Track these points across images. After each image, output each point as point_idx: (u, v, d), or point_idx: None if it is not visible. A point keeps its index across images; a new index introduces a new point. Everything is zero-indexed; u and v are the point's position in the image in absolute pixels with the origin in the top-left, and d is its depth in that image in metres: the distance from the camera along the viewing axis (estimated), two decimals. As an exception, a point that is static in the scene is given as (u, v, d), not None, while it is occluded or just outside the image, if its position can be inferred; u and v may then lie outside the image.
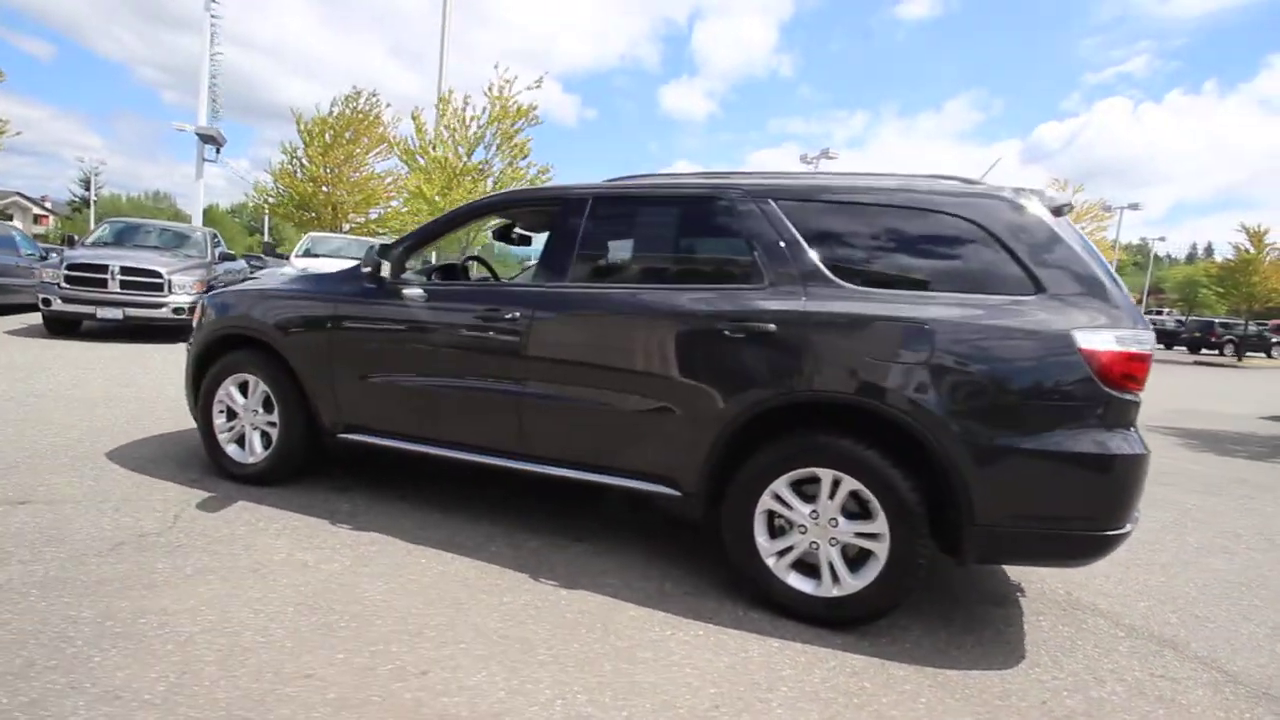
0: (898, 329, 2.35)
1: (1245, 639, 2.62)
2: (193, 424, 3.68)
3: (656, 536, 3.15)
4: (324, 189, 14.67)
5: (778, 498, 2.48)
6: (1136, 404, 2.27)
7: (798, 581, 2.47)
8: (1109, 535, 2.23)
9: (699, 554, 2.97)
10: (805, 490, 2.47)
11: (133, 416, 4.60)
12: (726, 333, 2.53)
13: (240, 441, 3.52)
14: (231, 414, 3.53)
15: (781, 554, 2.49)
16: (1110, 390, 2.20)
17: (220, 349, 3.54)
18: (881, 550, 2.35)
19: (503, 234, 3.93)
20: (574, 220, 2.93)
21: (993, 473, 2.24)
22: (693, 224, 2.84)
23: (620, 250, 2.93)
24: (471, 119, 10.96)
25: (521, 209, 3.55)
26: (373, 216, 15.53)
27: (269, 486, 3.39)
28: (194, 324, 3.76)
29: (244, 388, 3.49)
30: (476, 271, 4.23)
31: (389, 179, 15.28)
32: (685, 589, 2.64)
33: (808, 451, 2.43)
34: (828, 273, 2.51)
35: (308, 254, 10.68)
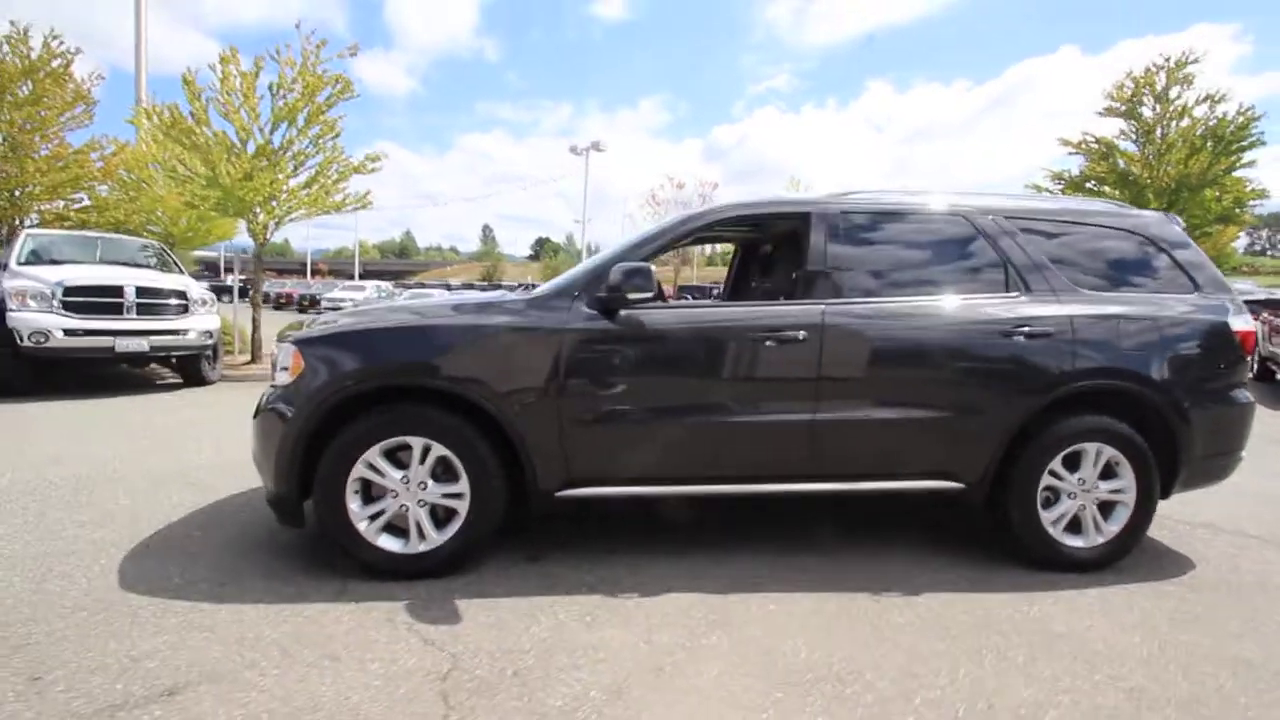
0: (1133, 322, 2.97)
1: None
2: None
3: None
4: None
5: None
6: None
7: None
8: (1242, 457, 3.19)
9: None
10: None
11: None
12: (1015, 338, 2.87)
13: (391, 528, 2.69)
14: (371, 494, 2.67)
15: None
16: (1246, 358, 3.13)
17: (352, 410, 2.63)
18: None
19: None
20: (828, 234, 2.94)
21: (1202, 422, 3.00)
22: (945, 240, 3.07)
23: (883, 265, 3.01)
24: (280, 90, 8.81)
25: (748, 223, 3.29)
26: (79, 205, 11.20)
27: (445, 576, 2.68)
28: (280, 381, 2.70)
29: (395, 456, 2.66)
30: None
31: (96, 154, 11.23)
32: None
33: (1092, 431, 2.93)
34: (1066, 280, 3.02)
35: (35, 260, 7.56)
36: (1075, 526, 3.00)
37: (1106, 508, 3.02)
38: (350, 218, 63.68)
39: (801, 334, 2.76)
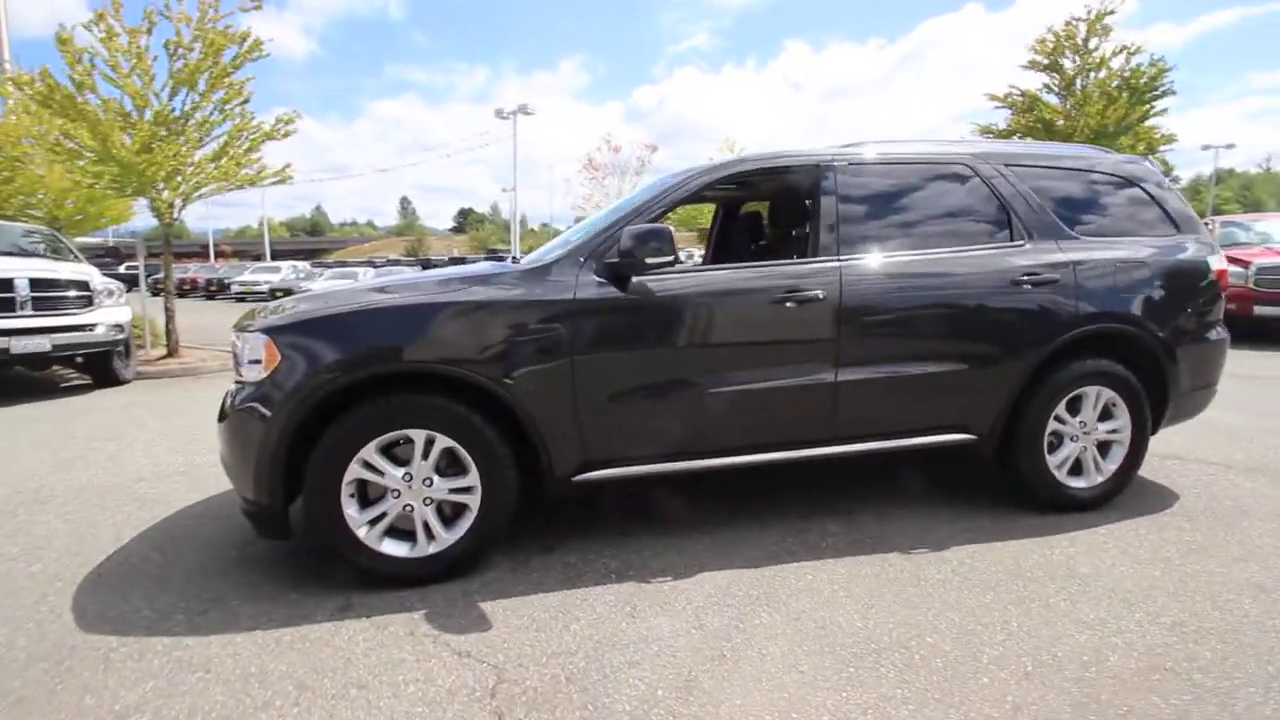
0: (1128, 266, 3.01)
1: (1252, 452, 4.18)
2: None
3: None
4: None
5: None
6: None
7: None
8: (1216, 390, 3.35)
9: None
10: None
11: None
12: (1023, 287, 2.86)
13: (395, 531, 2.44)
14: (369, 496, 2.41)
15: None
16: (1222, 295, 3.26)
17: (340, 404, 2.34)
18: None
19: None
20: (839, 188, 2.81)
21: (1187, 359, 3.11)
22: (949, 189, 2.99)
23: (893, 218, 2.91)
24: (178, 49, 7.80)
25: (759, 178, 3.05)
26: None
27: (459, 579, 2.47)
28: (249, 377, 2.36)
29: (393, 452, 2.40)
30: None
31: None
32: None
33: (1092, 375, 2.97)
34: (1064, 226, 3.03)
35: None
36: (1077, 468, 3.07)
37: (1104, 448, 3.11)
38: (254, 194, 59.22)
39: (820, 293, 2.65)
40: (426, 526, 2.43)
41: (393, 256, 50.66)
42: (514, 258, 3.61)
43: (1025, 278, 2.87)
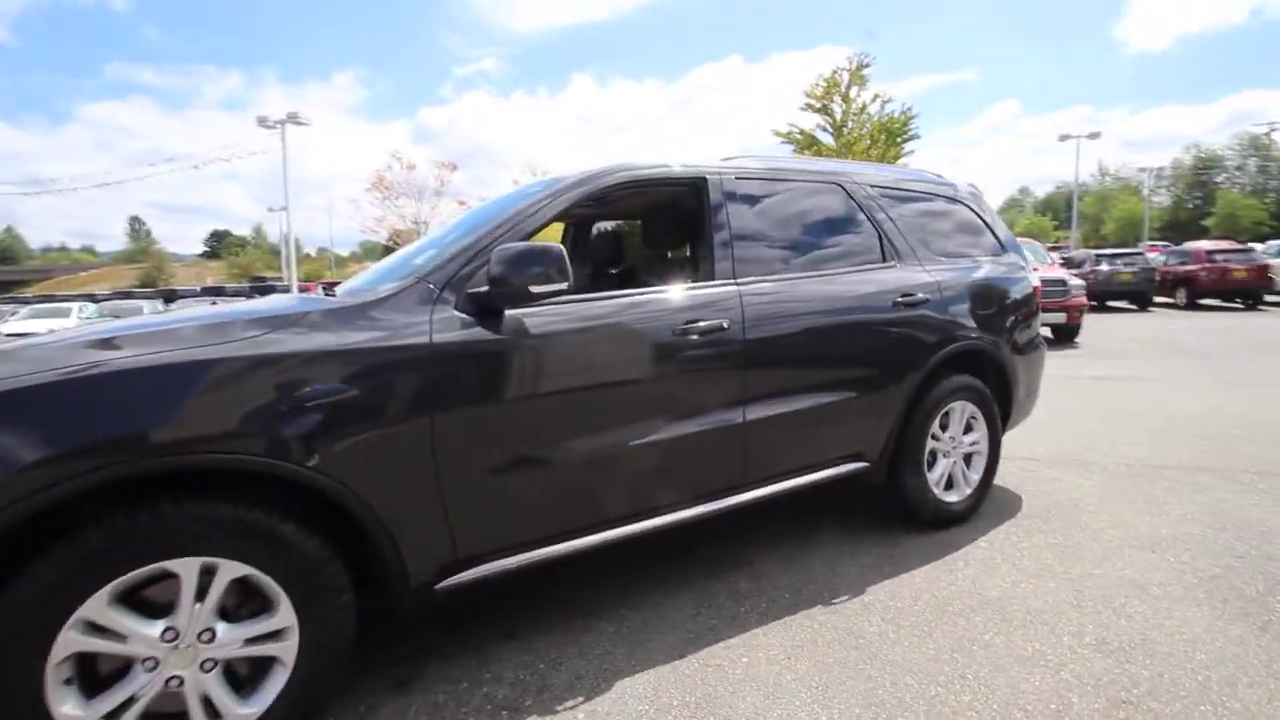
0: (979, 285, 3.14)
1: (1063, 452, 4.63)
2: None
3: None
4: None
5: None
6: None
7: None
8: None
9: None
10: None
11: None
12: (902, 308, 2.81)
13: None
14: (100, 677, 1.53)
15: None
16: (1038, 310, 3.58)
17: (45, 528, 1.43)
18: None
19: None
20: (727, 204, 2.51)
21: (1024, 369, 3.34)
22: (827, 208, 2.84)
23: (781, 236, 2.65)
24: None
25: (633, 190, 2.51)
26: None
27: None
28: None
29: (143, 597, 1.54)
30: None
31: None
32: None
33: (958, 390, 3.01)
34: (924, 248, 3.07)
35: None
36: (949, 483, 3.12)
37: (968, 460, 3.20)
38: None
39: (724, 321, 2.31)
40: (208, 704, 1.58)
41: (122, 288, 41.86)
42: (327, 287, 2.76)
43: (902, 299, 2.84)
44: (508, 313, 1.93)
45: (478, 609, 2.42)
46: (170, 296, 28.64)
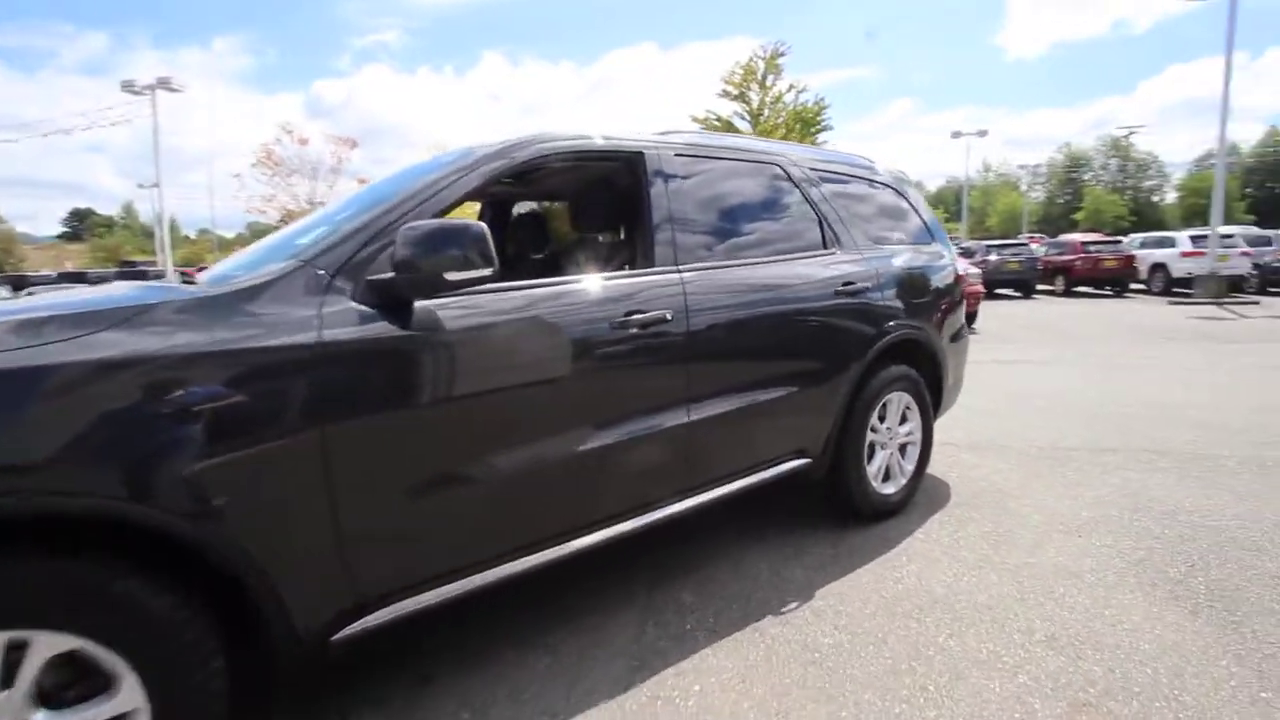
0: (914, 273, 3.09)
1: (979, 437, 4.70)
2: None
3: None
4: None
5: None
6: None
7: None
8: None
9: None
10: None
11: None
12: (844, 297, 2.68)
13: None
14: None
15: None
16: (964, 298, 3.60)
17: None
18: None
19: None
20: (668, 182, 2.27)
21: (952, 357, 3.33)
22: (768, 190, 2.66)
23: (722, 219, 2.44)
24: None
25: (561, 164, 2.19)
26: None
27: None
28: None
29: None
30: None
31: None
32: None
33: (896, 380, 2.95)
34: (862, 234, 2.97)
35: None
36: (886, 475, 3.07)
37: (902, 450, 3.17)
38: None
39: (668, 313, 2.08)
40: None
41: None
42: (186, 275, 2.30)
43: (844, 286, 2.72)
44: (418, 304, 1.62)
45: (387, 647, 2.09)
46: (19, 283, 25.25)
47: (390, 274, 1.56)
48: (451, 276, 1.55)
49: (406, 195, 1.74)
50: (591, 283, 2.02)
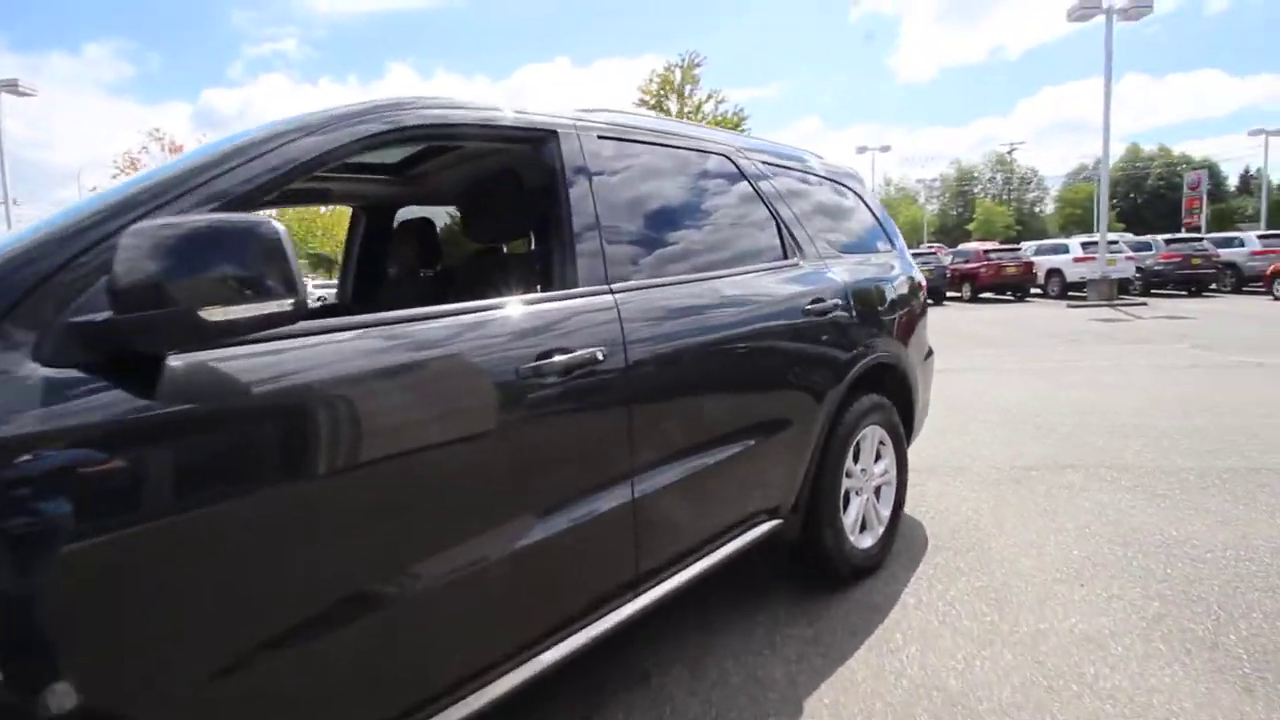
0: (884, 287, 2.65)
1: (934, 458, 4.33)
2: None
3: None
4: None
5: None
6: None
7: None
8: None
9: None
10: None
11: None
12: (810, 318, 2.18)
13: None
14: None
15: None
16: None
17: None
18: None
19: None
20: (591, 173, 1.68)
21: (923, 376, 2.93)
22: (717, 188, 2.12)
23: (664, 223, 1.87)
24: None
25: (435, 140, 1.56)
26: None
27: None
28: None
29: None
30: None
31: None
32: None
33: (869, 413, 2.48)
34: (824, 241, 2.50)
35: None
36: (863, 525, 2.60)
37: (877, 493, 2.71)
38: None
39: (599, 351, 1.49)
40: None
41: None
42: None
43: (812, 305, 2.23)
44: (171, 361, 0.95)
45: None
46: None
47: (110, 314, 0.88)
48: (209, 315, 0.89)
49: (164, 180, 1.07)
50: (488, 313, 1.40)
